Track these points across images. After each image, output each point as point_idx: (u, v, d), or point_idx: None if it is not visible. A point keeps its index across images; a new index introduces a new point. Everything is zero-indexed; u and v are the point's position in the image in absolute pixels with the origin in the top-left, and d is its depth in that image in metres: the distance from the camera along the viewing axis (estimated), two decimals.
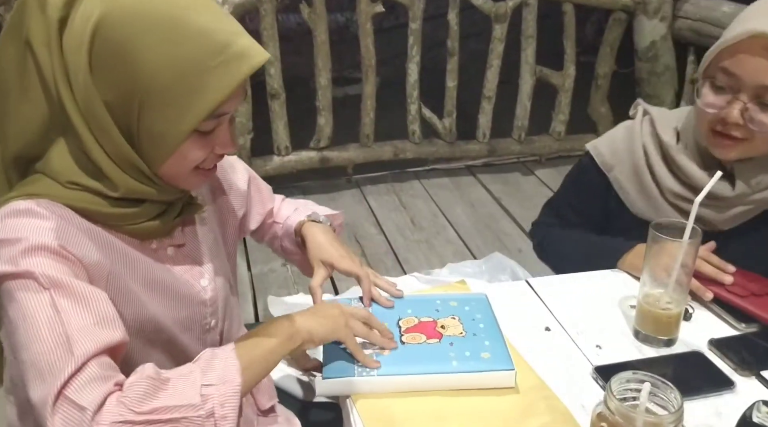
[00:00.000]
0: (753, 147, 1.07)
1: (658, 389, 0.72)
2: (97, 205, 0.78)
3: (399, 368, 0.89)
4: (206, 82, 0.73)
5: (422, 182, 3.30)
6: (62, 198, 0.77)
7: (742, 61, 1.02)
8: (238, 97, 0.78)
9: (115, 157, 0.77)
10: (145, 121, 0.74)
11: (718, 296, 1.06)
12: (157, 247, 0.87)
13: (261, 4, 2.70)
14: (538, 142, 3.37)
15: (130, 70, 0.72)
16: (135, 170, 0.78)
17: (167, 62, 0.71)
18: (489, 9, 3.01)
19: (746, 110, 1.04)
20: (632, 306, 1.04)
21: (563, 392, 0.89)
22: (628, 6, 3.08)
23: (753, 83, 1.02)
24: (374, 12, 2.87)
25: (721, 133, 1.07)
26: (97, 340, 0.70)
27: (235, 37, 0.74)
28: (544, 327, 1.04)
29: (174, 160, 0.78)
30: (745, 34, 1.01)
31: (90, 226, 0.79)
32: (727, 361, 0.95)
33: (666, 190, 1.17)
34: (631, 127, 1.24)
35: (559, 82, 3.24)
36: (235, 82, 0.74)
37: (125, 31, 0.71)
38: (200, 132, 0.77)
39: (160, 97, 0.73)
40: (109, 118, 0.74)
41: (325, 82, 2.95)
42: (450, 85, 3.14)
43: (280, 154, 3.02)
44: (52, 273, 0.71)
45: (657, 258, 0.96)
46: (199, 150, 0.79)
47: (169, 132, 0.75)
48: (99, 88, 0.73)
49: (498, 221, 2.94)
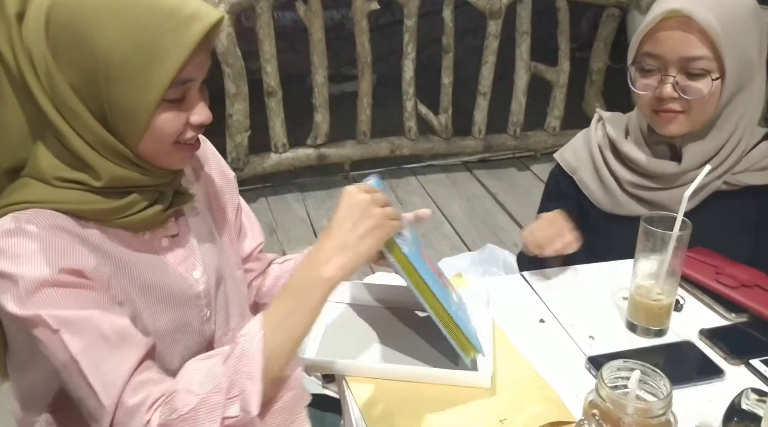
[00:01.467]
0: (692, 118, 1.13)
1: (647, 376, 0.74)
2: (87, 203, 0.79)
3: (415, 264, 0.85)
4: (162, 49, 0.73)
5: (419, 178, 3.32)
6: (50, 200, 0.77)
7: (661, 40, 1.10)
8: (201, 62, 0.78)
9: (93, 144, 0.77)
10: (114, 97, 0.75)
11: (709, 286, 1.09)
12: (150, 238, 0.88)
13: (257, 2, 2.71)
14: (533, 138, 3.39)
15: (87, 48, 0.73)
16: (116, 154, 0.79)
17: (121, 34, 0.72)
18: (483, 5, 3.02)
19: (677, 84, 1.10)
20: (624, 298, 1.06)
21: (557, 381, 0.91)
22: (621, 2, 3.10)
23: (676, 57, 1.09)
24: (369, 9, 2.89)
25: (663, 110, 1.14)
26: (120, 371, 0.74)
27: (183, 1, 0.75)
28: (539, 319, 1.06)
29: (151, 135, 0.78)
30: (660, 15, 1.08)
31: (81, 230, 0.79)
32: (717, 350, 0.98)
33: (623, 181, 1.24)
34: (587, 132, 1.34)
35: (553, 77, 3.26)
36: (189, 44, 0.74)
37: (76, 10, 0.73)
38: (169, 101, 0.77)
39: (121, 70, 0.73)
40: (78, 103, 0.75)
41: (321, 80, 2.96)
42: (445, 82, 3.16)
43: (277, 151, 3.04)
44: (59, 312, 0.73)
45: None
46: (173, 121, 0.79)
47: (138, 105, 0.75)
48: (63, 72, 0.74)
49: (494, 216, 2.96)
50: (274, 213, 2.99)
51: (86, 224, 0.80)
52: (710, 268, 1.11)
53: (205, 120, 0.82)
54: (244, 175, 2.94)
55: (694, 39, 1.07)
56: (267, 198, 3.10)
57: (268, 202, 3.07)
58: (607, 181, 1.26)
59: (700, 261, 1.12)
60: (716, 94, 1.10)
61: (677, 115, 1.13)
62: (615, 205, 1.26)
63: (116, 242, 0.83)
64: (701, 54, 1.07)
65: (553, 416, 0.84)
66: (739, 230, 1.20)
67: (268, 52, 2.83)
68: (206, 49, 0.79)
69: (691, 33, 1.07)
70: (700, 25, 1.05)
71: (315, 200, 3.10)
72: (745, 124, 1.16)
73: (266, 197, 3.11)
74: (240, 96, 2.79)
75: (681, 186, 1.19)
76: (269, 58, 2.84)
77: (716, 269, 1.10)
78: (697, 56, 1.07)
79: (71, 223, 0.79)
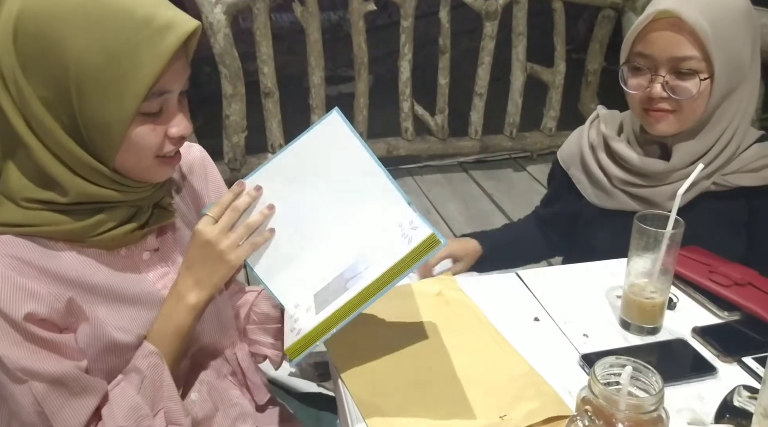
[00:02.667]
0: (682, 117, 1.15)
1: (639, 373, 0.74)
2: (54, 224, 0.77)
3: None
4: (136, 60, 0.71)
5: (415, 179, 3.33)
6: (17, 223, 0.76)
7: (652, 40, 1.12)
8: (178, 72, 0.76)
9: (66, 160, 0.75)
10: (87, 111, 0.72)
11: (702, 285, 1.09)
12: (127, 253, 0.87)
13: (254, 3, 2.71)
14: (530, 138, 3.40)
15: (57, 59, 0.70)
16: (89, 171, 0.76)
17: (92, 44, 0.69)
18: (480, 7, 3.03)
19: (666, 84, 1.12)
20: (618, 296, 1.07)
21: (551, 379, 0.92)
22: (617, 3, 3.11)
23: (666, 57, 1.11)
24: (366, 10, 2.89)
25: (653, 109, 1.16)
26: (77, 420, 0.79)
27: (158, 10, 0.72)
28: (533, 317, 1.07)
29: (127, 149, 0.76)
30: (651, 15, 1.10)
31: (43, 257, 0.77)
32: (710, 348, 0.98)
33: (613, 178, 1.26)
34: (582, 129, 1.36)
35: (549, 78, 3.27)
36: (165, 54, 0.72)
37: (45, 20, 0.70)
38: (146, 115, 0.75)
39: (93, 83, 0.71)
40: (49, 117, 0.73)
41: (318, 81, 2.97)
42: (442, 83, 3.16)
43: (274, 151, 3.04)
44: (23, 363, 0.75)
45: None
46: (150, 134, 0.77)
47: (113, 118, 0.73)
48: (33, 85, 0.72)
49: (490, 216, 2.97)
50: None
51: (55, 245, 0.79)
52: (703, 266, 1.12)
53: (183, 132, 0.80)
54: (240, 176, 2.91)
55: (684, 39, 1.08)
56: None
57: None
58: (597, 176, 1.28)
59: (693, 260, 1.13)
60: (705, 95, 1.12)
61: (667, 115, 1.15)
62: (606, 200, 1.28)
63: (87, 261, 0.81)
64: (690, 54, 1.09)
65: (552, 411, 0.85)
66: (727, 230, 1.21)
67: (265, 53, 2.83)
68: (183, 60, 0.77)
69: (680, 33, 1.08)
70: (690, 26, 1.06)
71: None
72: (736, 125, 1.17)
73: None
74: (237, 97, 2.80)
75: (670, 183, 1.20)
76: (266, 59, 2.84)
77: (709, 268, 1.11)
78: (687, 56, 1.09)
79: (34, 251, 0.77)
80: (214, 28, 2.67)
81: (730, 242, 1.19)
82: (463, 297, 1.10)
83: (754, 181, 1.18)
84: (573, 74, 3.32)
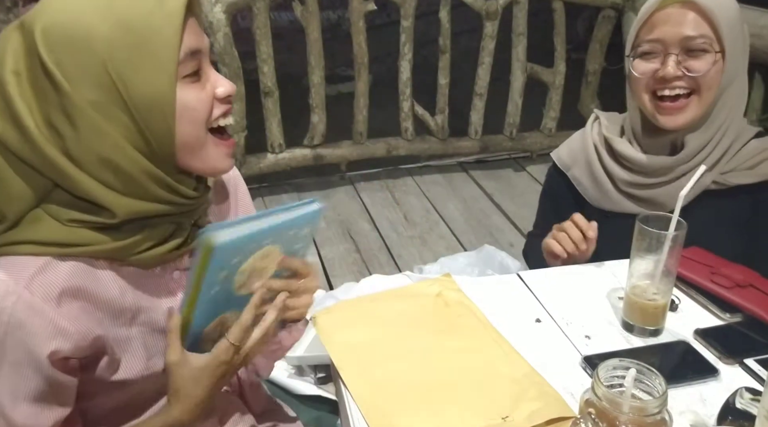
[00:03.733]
0: (699, 101, 1.15)
1: (643, 375, 0.74)
2: (99, 244, 0.78)
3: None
4: (155, 25, 0.74)
5: (415, 179, 3.33)
6: (60, 242, 0.76)
7: (661, 24, 1.13)
8: (196, 30, 0.79)
9: (121, 176, 0.75)
10: (134, 93, 0.74)
11: (704, 287, 1.09)
12: (161, 272, 0.87)
13: (254, 2, 2.71)
14: (530, 139, 3.40)
15: (90, 54, 0.72)
16: (146, 179, 0.77)
17: (113, 28, 0.72)
18: (480, 7, 3.03)
19: (679, 63, 1.13)
20: (620, 298, 1.07)
21: (553, 381, 0.92)
22: (617, 3, 3.11)
23: (677, 38, 1.12)
24: (366, 10, 2.89)
25: (667, 98, 1.15)
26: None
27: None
28: (535, 319, 1.07)
29: (183, 119, 0.77)
30: (656, 3, 1.12)
31: (83, 281, 0.78)
32: (712, 350, 0.98)
33: (618, 180, 1.26)
34: (583, 131, 1.36)
35: (549, 79, 3.27)
36: (178, 12, 0.75)
37: (66, 25, 0.72)
38: (187, 78, 0.77)
39: (128, 62, 0.73)
40: (105, 122, 0.73)
41: (318, 80, 2.96)
42: (442, 83, 3.16)
43: (273, 151, 3.04)
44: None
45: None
46: (199, 97, 0.79)
47: (158, 88, 0.75)
48: (81, 93, 0.72)
49: (490, 216, 2.97)
50: None
51: (96, 263, 0.80)
52: (705, 268, 1.12)
53: (230, 90, 0.82)
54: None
55: (693, 18, 1.10)
56: (263, 198, 3.10)
57: (264, 203, 3.07)
58: (601, 179, 1.28)
59: (695, 261, 1.13)
60: (719, 72, 1.13)
61: (685, 104, 1.15)
62: (607, 202, 1.28)
63: (123, 282, 0.82)
64: (702, 32, 1.11)
65: (555, 412, 0.84)
66: (729, 229, 1.21)
67: (265, 53, 2.83)
68: (196, 22, 0.79)
69: (690, 13, 1.10)
70: (698, 6, 1.09)
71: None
72: (731, 121, 1.18)
73: (263, 197, 3.11)
74: (237, 96, 2.79)
75: (675, 180, 1.20)
76: (266, 59, 2.84)
77: (711, 269, 1.11)
78: (699, 35, 1.11)
79: (74, 274, 0.77)
80: (214, 27, 2.66)
81: (732, 240, 1.19)
82: (463, 298, 1.10)
83: (752, 178, 1.18)
84: (573, 74, 3.32)
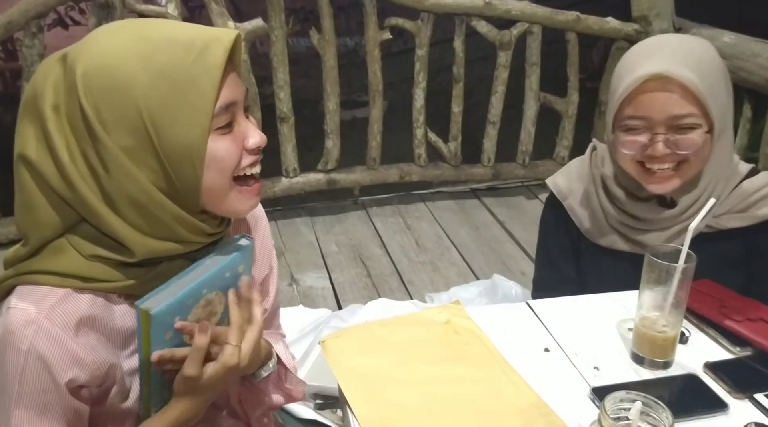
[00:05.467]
0: (685, 172, 1.14)
1: (649, 408, 0.74)
2: (115, 281, 0.80)
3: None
4: (194, 79, 0.75)
5: (427, 205, 3.34)
6: (81, 274, 0.79)
7: (646, 102, 1.10)
8: (234, 83, 0.80)
9: (149, 208, 0.77)
10: (166, 142, 0.76)
11: (715, 320, 1.09)
12: None
13: (272, 30, 2.76)
14: (542, 167, 3.40)
15: (127, 101, 0.74)
16: (170, 219, 0.79)
17: (153, 78, 0.74)
18: (494, 37, 3.06)
19: (668, 141, 1.11)
20: (630, 329, 1.07)
21: (561, 411, 0.92)
22: (630, 35, 3.14)
23: (663, 117, 1.09)
24: (382, 39, 2.93)
25: (656, 170, 1.14)
26: None
27: (198, 32, 0.78)
28: (543, 348, 1.07)
29: (211, 169, 0.79)
30: (640, 79, 1.08)
31: (100, 313, 0.81)
32: (722, 384, 0.98)
33: (610, 217, 1.25)
34: (582, 159, 1.34)
35: (562, 108, 3.28)
36: (217, 65, 0.76)
37: (108, 71, 0.74)
38: (220, 130, 0.79)
39: (164, 112, 0.75)
40: (134, 167, 0.76)
41: (333, 107, 3.00)
42: (455, 110, 3.19)
43: (288, 175, 3.07)
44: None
45: None
46: (229, 148, 0.80)
47: (190, 138, 0.76)
48: (114, 138, 0.75)
49: (502, 243, 2.97)
50: (284, 236, 3.01)
51: (111, 296, 0.82)
52: (715, 301, 1.12)
53: (260, 142, 0.83)
54: None
55: (679, 97, 1.08)
56: (276, 222, 3.13)
57: (277, 226, 3.09)
58: (596, 211, 1.27)
59: (704, 294, 1.13)
60: (708, 142, 1.11)
61: (673, 175, 1.13)
62: (600, 237, 1.27)
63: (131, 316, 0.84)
64: (689, 111, 1.08)
65: None
66: (727, 270, 1.20)
67: (281, 79, 2.87)
68: (235, 70, 0.81)
69: (674, 92, 1.08)
70: (683, 84, 1.07)
71: (324, 225, 3.12)
72: (722, 169, 1.18)
73: (276, 221, 3.13)
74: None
75: (666, 229, 1.20)
76: (282, 85, 2.88)
77: (721, 302, 1.11)
78: (686, 113, 1.09)
79: (91, 306, 0.80)
80: None
81: (729, 281, 1.18)
82: (472, 325, 1.11)
83: (744, 221, 1.19)
84: (586, 103, 3.33)
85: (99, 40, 0.77)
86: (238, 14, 2.80)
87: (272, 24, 2.76)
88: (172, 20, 0.81)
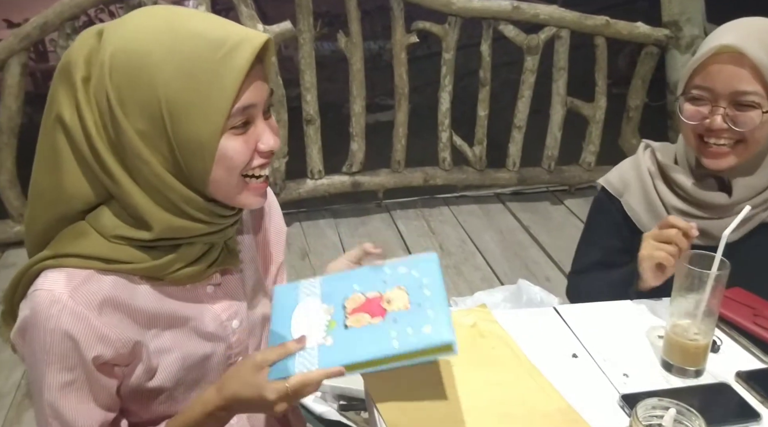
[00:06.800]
0: (746, 150, 1.14)
1: (682, 416, 0.74)
2: (137, 262, 0.82)
3: (339, 357, 0.84)
4: (217, 77, 0.75)
5: (451, 209, 3.33)
6: (102, 257, 0.80)
7: (713, 73, 1.12)
8: (257, 86, 0.79)
9: (159, 195, 0.79)
10: (179, 133, 0.76)
11: (747, 329, 1.07)
12: (191, 288, 0.90)
13: (300, 33, 2.78)
14: (568, 172, 3.38)
15: (148, 88, 0.75)
16: (182, 201, 0.80)
17: (176, 70, 0.74)
18: (521, 41, 3.05)
19: (727, 116, 1.12)
20: (660, 336, 1.05)
21: (589, 418, 0.91)
22: (660, 40, 3.11)
23: (727, 91, 1.11)
24: (408, 42, 2.94)
25: (712, 144, 1.15)
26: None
27: (229, 30, 0.77)
28: (572, 354, 1.06)
29: (219, 166, 0.79)
30: (712, 50, 1.11)
31: (123, 294, 0.82)
32: (754, 393, 0.96)
33: (670, 207, 1.24)
34: (635, 157, 1.34)
35: (589, 113, 3.26)
36: (242, 67, 0.75)
37: (134, 56, 0.75)
38: (234, 129, 0.79)
39: (182, 105, 0.75)
40: (146, 150, 0.77)
41: (359, 109, 3.01)
42: (481, 114, 3.18)
43: (313, 177, 3.08)
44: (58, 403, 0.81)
45: None
46: (240, 149, 0.80)
47: (203, 135, 0.76)
48: (131, 120, 0.76)
49: (526, 249, 2.95)
50: (308, 238, 3.02)
51: (133, 278, 0.83)
52: (748, 309, 1.10)
53: (272, 147, 0.83)
54: (279, 200, 2.96)
55: (746, 74, 1.09)
56: (301, 223, 3.14)
57: (302, 227, 3.11)
58: (655, 204, 1.26)
59: (737, 302, 1.11)
60: (766, 127, 1.12)
61: (728, 152, 1.14)
62: None
63: (159, 295, 0.86)
64: (753, 89, 1.09)
65: None
66: None
67: (308, 82, 2.89)
68: (261, 74, 0.80)
69: (743, 68, 1.09)
70: (752, 62, 1.08)
71: (348, 227, 3.13)
72: None
73: (300, 222, 3.15)
74: (280, 123, 2.86)
75: (727, 217, 1.18)
76: (309, 88, 2.90)
77: (753, 311, 1.09)
78: (749, 91, 1.10)
79: (115, 287, 0.82)
80: None
81: None
82: (498, 329, 1.10)
83: None
84: (613, 108, 3.30)
85: (133, 21, 0.78)
86: (264, 17, 2.81)
87: (300, 27, 2.78)
88: (208, 14, 0.81)
